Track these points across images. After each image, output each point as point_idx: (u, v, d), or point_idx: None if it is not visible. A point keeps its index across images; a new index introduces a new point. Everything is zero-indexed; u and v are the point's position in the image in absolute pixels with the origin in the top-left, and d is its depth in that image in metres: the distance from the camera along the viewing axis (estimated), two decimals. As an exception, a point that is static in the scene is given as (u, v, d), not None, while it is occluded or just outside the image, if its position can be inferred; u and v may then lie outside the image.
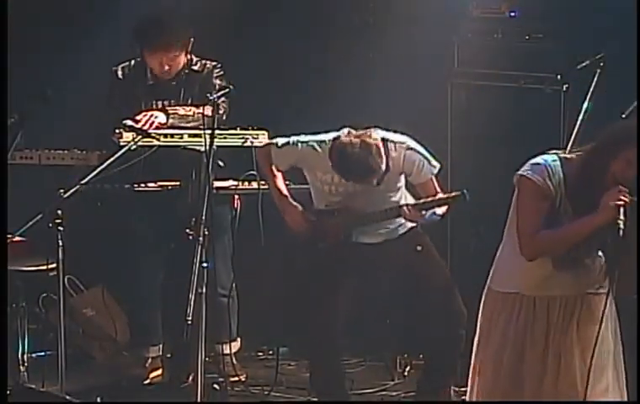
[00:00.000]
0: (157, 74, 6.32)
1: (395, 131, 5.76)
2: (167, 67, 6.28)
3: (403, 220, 5.82)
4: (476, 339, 4.76)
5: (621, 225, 4.32)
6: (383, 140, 5.62)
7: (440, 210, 5.75)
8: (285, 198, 5.93)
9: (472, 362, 4.76)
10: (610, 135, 4.51)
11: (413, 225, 5.83)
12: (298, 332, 6.24)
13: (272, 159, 5.88)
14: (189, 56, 6.36)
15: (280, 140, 5.86)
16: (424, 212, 5.68)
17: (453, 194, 5.69)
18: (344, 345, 6.16)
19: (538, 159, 4.56)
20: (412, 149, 5.74)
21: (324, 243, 5.82)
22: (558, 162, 4.51)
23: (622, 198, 4.34)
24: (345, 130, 5.64)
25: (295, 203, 5.91)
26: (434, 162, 5.76)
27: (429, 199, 5.71)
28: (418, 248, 5.81)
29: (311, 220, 5.86)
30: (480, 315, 4.73)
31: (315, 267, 5.84)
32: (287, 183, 6.10)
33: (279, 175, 5.93)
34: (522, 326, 4.58)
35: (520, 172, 4.55)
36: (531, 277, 4.57)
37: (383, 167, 5.57)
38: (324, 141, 5.72)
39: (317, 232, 5.84)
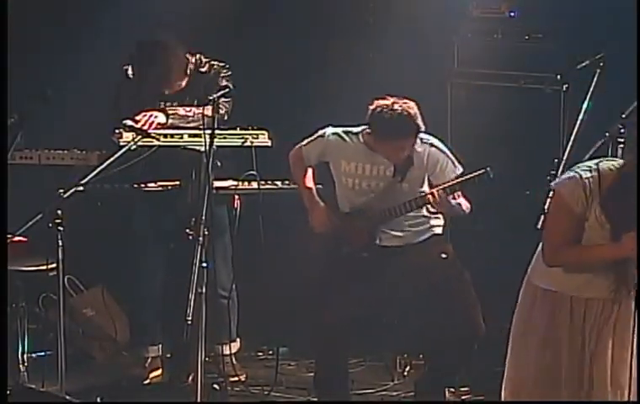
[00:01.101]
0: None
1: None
2: (165, 82, 6.28)
3: (427, 225, 5.81)
4: (513, 329, 4.75)
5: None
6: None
7: (466, 206, 5.73)
8: (313, 196, 5.94)
9: (510, 351, 4.76)
10: None
11: (438, 232, 5.82)
12: (305, 332, 6.24)
13: (304, 160, 5.91)
14: (189, 60, 6.35)
15: (308, 140, 5.91)
16: (449, 198, 5.65)
17: (478, 172, 5.65)
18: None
19: (575, 170, 4.53)
20: (436, 147, 5.75)
21: (348, 248, 5.82)
22: (596, 174, 4.46)
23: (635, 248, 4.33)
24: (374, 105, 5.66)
25: (322, 203, 5.92)
26: (457, 164, 5.75)
27: (454, 180, 5.67)
28: (443, 256, 5.80)
29: (336, 223, 5.86)
30: (518, 305, 4.73)
31: (335, 269, 5.84)
32: (287, 182, 6.11)
33: (308, 172, 5.95)
34: (561, 324, 4.58)
35: (554, 182, 4.58)
36: (571, 278, 4.57)
37: (422, 127, 5.58)
38: (351, 131, 5.77)
39: (341, 237, 5.84)
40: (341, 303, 5.77)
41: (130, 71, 6.37)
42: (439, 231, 5.86)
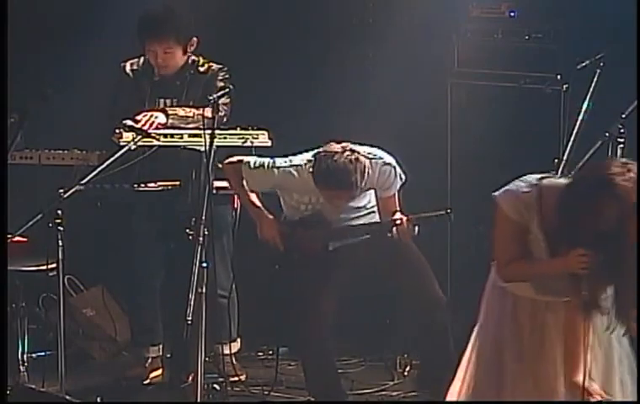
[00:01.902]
0: (156, 67, 6.34)
1: (364, 144, 5.75)
2: (161, 60, 6.28)
3: (372, 220, 5.86)
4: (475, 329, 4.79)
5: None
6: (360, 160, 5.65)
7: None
8: (259, 209, 5.95)
9: (468, 351, 4.79)
10: (591, 176, 4.40)
11: (376, 218, 5.86)
12: (291, 335, 6.26)
13: (244, 177, 5.89)
14: (190, 56, 6.36)
15: (253, 161, 5.86)
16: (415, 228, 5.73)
17: (439, 212, 5.73)
18: (344, 346, 6.16)
19: (516, 182, 4.53)
20: (387, 164, 5.76)
21: (299, 253, 5.83)
22: (536, 191, 4.46)
23: (582, 266, 4.32)
24: (321, 149, 5.66)
25: (269, 215, 5.93)
26: (402, 176, 5.79)
27: (422, 214, 5.74)
28: (389, 235, 5.83)
29: (285, 231, 5.88)
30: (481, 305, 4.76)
31: (295, 273, 5.87)
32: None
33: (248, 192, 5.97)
34: (508, 322, 4.60)
35: (494, 193, 4.55)
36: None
37: (364, 181, 5.60)
38: (300, 165, 5.75)
39: (291, 243, 5.85)
40: (310, 304, 5.81)
41: (127, 68, 6.39)
42: (377, 218, 5.89)
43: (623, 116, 5.86)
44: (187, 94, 6.34)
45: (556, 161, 5.82)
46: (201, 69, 6.41)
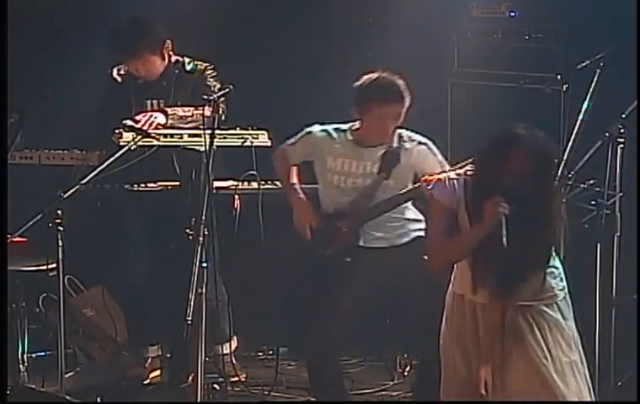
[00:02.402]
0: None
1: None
2: (142, 72, 6.30)
3: (411, 228, 5.80)
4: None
5: (504, 238, 4.35)
6: (399, 132, 5.66)
7: None
8: (298, 193, 5.92)
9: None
10: (489, 143, 4.57)
11: (422, 235, 5.80)
12: (297, 333, 6.23)
13: (289, 154, 5.91)
14: (172, 56, 6.36)
15: (294, 138, 5.90)
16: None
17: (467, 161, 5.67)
18: (344, 346, 6.16)
19: (445, 172, 4.72)
20: (425, 145, 5.74)
21: (332, 249, 5.81)
22: (462, 179, 4.59)
23: (500, 209, 4.38)
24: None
25: (306, 200, 5.92)
26: (446, 165, 5.72)
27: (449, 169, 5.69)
28: (425, 258, 5.79)
29: (319, 223, 5.86)
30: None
31: (320, 270, 5.84)
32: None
33: (293, 170, 5.95)
34: (459, 326, 4.65)
35: (428, 187, 4.68)
36: (463, 280, 4.64)
37: (407, 101, 5.59)
38: (339, 128, 5.77)
39: (325, 238, 5.83)
40: (327, 303, 5.77)
41: (114, 73, 6.41)
42: (422, 233, 5.84)
43: (623, 116, 5.86)
44: (174, 94, 6.34)
45: (556, 161, 5.81)
46: (188, 68, 6.41)
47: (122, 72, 6.43)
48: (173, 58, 6.40)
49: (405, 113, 5.71)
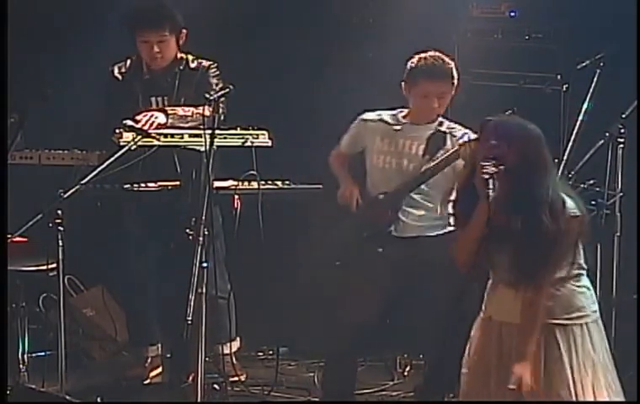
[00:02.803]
0: (149, 62, 6.34)
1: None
2: (156, 49, 6.30)
3: (444, 221, 5.77)
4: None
5: (490, 192, 4.41)
6: (449, 123, 5.69)
7: None
8: (346, 172, 5.97)
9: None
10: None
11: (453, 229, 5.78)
12: (305, 332, 6.23)
13: (342, 150, 5.96)
14: (178, 49, 6.38)
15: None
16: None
17: None
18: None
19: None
20: (473, 141, 5.74)
21: (369, 230, 5.79)
22: None
23: (487, 168, 4.43)
24: None
25: (354, 182, 5.95)
26: None
27: None
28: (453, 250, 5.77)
29: (361, 204, 5.87)
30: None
31: (354, 262, 5.84)
32: (287, 182, 6.12)
33: (345, 162, 6.00)
34: (480, 347, 4.65)
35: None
36: (490, 302, 4.65)
37: (454, 82, 5.70)
38: (390, 112, 5.82)
39: (364, 221, 5.83)
40: (359, 299, 5.76)
41: (116, 71, 6.41)
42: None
43: (623, 116, 5.86)
44: (178, 92, 6.35)
45: (556, 161, 5.81)
46: (192, 65, 6.42)
47: (123, 70, 6.43)
48: (178, 55, 6.41)
49: (452, 96, 5.73)
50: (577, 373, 4.48)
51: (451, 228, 5.63)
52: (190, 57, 6.42)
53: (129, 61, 6.43)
